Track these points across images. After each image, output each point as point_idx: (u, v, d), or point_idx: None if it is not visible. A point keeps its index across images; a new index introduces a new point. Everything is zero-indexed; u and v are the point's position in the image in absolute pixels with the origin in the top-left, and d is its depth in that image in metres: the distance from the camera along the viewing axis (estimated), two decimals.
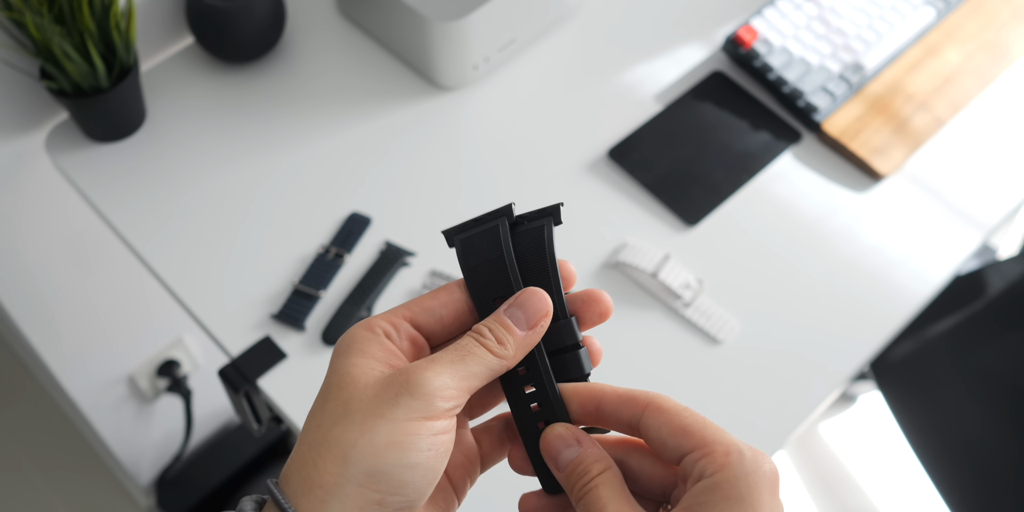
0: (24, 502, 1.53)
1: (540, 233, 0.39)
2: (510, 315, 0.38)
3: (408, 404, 0.35)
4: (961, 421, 1.07)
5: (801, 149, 0.92)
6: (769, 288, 0.85)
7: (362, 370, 0.37)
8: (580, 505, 0.37)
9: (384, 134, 0.92)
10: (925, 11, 0.97)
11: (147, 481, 1.40)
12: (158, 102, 0.92)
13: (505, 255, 0.39)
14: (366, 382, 0.36)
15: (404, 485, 0.35)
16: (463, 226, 0.41)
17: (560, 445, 0.38)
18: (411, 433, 0.35)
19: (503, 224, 0.40)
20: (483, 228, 0.40)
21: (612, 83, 0.96)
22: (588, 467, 0.37)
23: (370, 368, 0.37)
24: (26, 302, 1.07)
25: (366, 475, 0.34)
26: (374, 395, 0.36)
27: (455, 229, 0.41)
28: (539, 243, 0.39)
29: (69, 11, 0.78)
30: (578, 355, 0.39)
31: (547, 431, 0.39)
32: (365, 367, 0.37)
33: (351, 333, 0.38)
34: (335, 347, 0.39)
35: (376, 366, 0.37)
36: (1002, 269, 1.12)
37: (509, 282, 0.39)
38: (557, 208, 0.40)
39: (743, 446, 0.35)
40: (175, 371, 1.26)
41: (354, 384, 0.36)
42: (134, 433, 1.33)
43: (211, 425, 1.42)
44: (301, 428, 0.37)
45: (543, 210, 0.40)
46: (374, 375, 0.37)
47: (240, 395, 0.80)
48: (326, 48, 0.97)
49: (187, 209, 0.87)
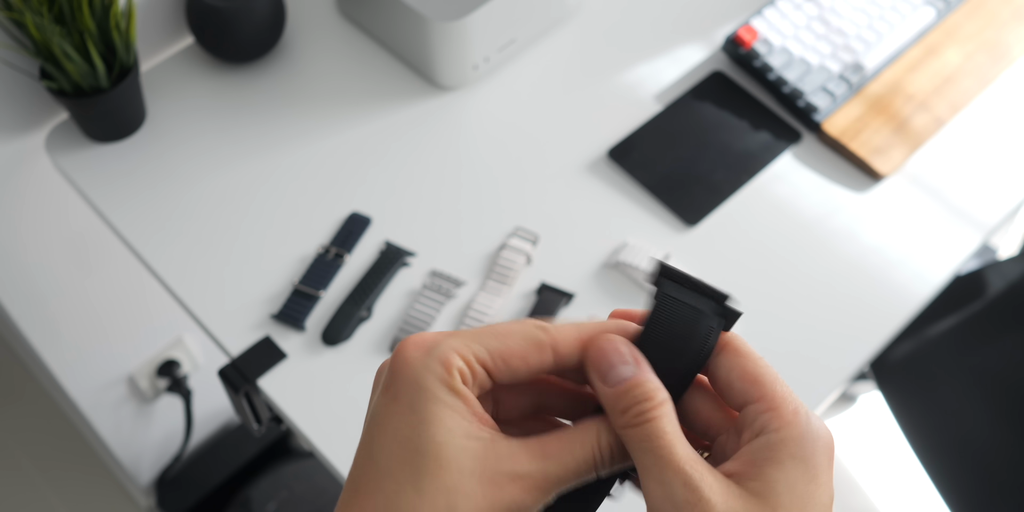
0: (24, 502, 1.53)
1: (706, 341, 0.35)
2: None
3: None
4: (961, 421, 1.07)
5: (801, 149, 0.92)
6: (769, 288, 0.85)
7: (460, 443, 0.32)
8: (632, 432, 0.33)
9: (384, 134, 0.92)
10: (925, 11, 0.97)
11: (147, 481, 1.40)
12: (158, 102, 0.92)
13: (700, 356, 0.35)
14: (468, 467, 0.31)
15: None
16: (682, 277, 0.35)
17: (616, 359, 0.34)
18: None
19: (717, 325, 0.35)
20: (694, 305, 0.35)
21: (612, 83, 0.96)
22: (651, 393, 0.33)
23: (466, 438, 0.32)
24: (26, 302, 1.07)
25: None
26: (483, 497, 0.31)
27: (671, 274, 0.35)
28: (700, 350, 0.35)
29: (69, 11, 0.78)
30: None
31: (600, 337, 0.34)
32: (461, 436, 0.32)
33: (422, 368, 0.32)
34: (396, 374, 0.33)
35: (472, 436, 0.32)
36: (1002, 269, 1.12)
37: (686, 374, 0.35)
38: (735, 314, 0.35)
39: (808, 409, 0.34)
40: (175, 371, 1.26)
41: (455, 466, 0.31)
42: (134, 433, 1.33)
43: (211, 425, 1.42)
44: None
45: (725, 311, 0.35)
46: (472, 453, 0.31)
47: (240, 395, 0.80)
48: (326, 48, 0.97)
49: (187, 209, 0.87)
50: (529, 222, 0.86)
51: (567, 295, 0.82)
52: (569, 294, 0.83)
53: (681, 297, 0.35)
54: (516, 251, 0.84)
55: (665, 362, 0.34)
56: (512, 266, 0.83)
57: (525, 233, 0.85)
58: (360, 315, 0.81)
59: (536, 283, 0.84)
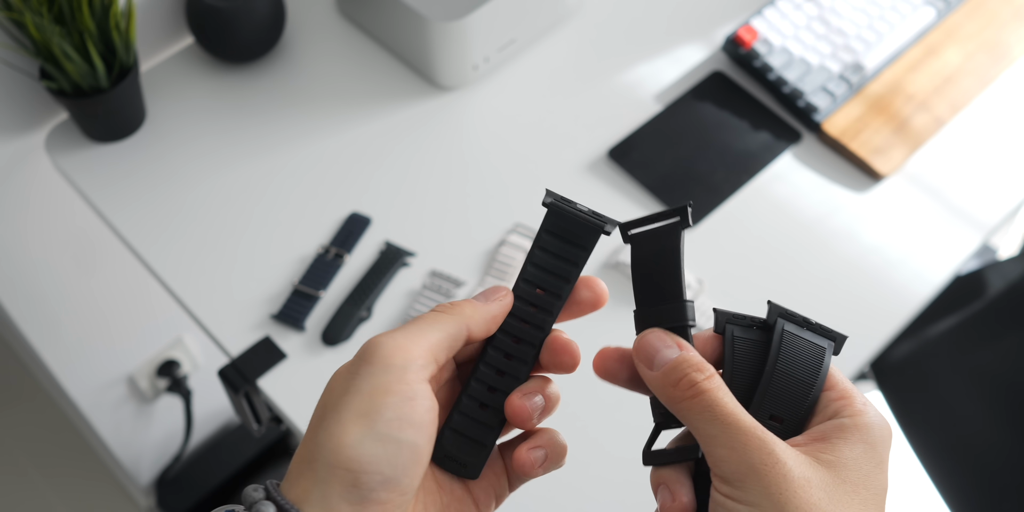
0: (24, 502, 1.52)
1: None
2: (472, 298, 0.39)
3: (368, 372, 0.35)
4: (961, 421, 1.07)
5: (801, 149, 0.92)
6: (769, 288, 0.84)
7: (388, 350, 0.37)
8: (690, 404, 0.35)
9: (384, 134, 0.92)
10: (925, 11, 0.97)
11: (147, 481, 1.40)
12: (158, 102, 0.92)
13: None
14: (395, 361, 0.36)
15: (375, 460, 0.33)
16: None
17: (659, 344, 0.37)
18: (376, 403, 0.34)
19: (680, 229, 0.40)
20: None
21: (612, 83, 0.96)
22: (700, 365, 0.35)
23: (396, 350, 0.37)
24: (26, 302, 1.07)
25: (334, 454, 0.33)
26: (343, 381, 0.35)
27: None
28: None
29: (69, 11, 0.78)
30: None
31: (643, 333, 0.37)
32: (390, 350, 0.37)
33: (407, 353, 0.36)
34: (376, 353, 0.36)
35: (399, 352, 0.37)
36: (1002, 269, 1.12)
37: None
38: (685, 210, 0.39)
39: (873, 405, 0.36)
40: (175, 371, 1.26)
41: (385, 362, 0.36)
42: (134, 433, 1.33)
43: (211, 425, 1.42)
44: (302, 430, 0.37)
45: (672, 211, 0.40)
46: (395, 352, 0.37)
47: (240, 395, 0.80)
48: (326, 48, 0.97)
49: (187, 209, 0.87)
50: (529, 222, 0.86)
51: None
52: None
53: (801, 334, 0.38)
54: (515, 247, 0.84)
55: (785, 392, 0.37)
56: (511, 262, 0.83)
57: (524, 230, 0.85)
58: (360, 315, 0.81)
59: None
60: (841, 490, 0.33)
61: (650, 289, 0.39)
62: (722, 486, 0.33)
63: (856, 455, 0.34)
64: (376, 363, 0.35)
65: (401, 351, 0.35)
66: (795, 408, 0.36)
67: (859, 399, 0.36)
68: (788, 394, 0.37)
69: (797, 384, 0.37)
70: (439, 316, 0.37)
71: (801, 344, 0.38)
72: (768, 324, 0.38)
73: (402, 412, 0.34)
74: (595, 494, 0.75)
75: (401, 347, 0.35)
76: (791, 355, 0.37)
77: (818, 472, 0.33)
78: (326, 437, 0.34)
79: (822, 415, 0.36)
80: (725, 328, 0.38)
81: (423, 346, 0.36)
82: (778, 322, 0.38)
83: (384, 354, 0.35)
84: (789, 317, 0.39)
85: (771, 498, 0.32)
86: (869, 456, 0.34)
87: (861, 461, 0.34)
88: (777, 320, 0.38)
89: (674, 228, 0.39)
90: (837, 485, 0.33)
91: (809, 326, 0.38)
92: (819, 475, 0.33)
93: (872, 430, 0.35)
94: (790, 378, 0.37)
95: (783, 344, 0.37)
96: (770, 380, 0.37)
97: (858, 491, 0.34)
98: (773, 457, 0.33)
